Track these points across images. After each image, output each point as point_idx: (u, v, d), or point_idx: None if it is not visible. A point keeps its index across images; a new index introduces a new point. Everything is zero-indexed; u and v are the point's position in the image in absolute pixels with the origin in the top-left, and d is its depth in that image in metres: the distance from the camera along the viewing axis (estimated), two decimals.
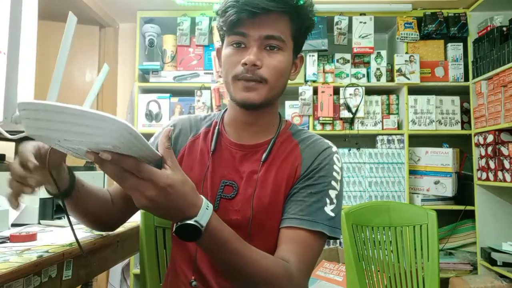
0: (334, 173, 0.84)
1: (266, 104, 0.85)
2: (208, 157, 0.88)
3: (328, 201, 0.82)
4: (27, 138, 0.68)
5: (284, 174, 0.85)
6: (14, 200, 0.70)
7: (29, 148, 0.72)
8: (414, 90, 2.53)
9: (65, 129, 0.54)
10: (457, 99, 2.52)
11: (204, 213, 0.63)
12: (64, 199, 0.80)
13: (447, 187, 2.40)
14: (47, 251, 0.81)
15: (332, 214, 0.81)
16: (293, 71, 0.89)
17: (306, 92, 2.48)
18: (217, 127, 0.92)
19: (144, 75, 2.67)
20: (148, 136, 0.73)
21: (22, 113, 0.55)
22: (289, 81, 0.91)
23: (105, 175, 1.47)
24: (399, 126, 2.54)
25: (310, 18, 0.85)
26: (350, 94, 2.51)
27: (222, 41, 0.87)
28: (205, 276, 0.85)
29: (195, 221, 0.62)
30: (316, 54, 2.52)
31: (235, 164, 0.87)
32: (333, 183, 0.83)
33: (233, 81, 0.82)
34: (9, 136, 0.89)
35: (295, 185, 0.84)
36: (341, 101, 2.51)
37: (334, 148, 0.88)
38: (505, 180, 2.10)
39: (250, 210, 0.82)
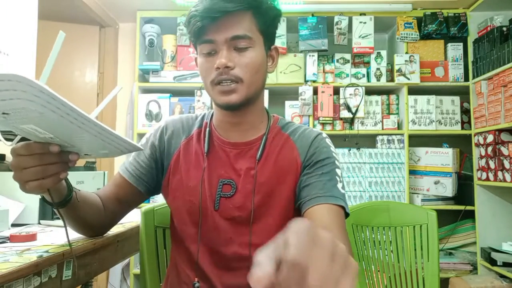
0: (334, 154, 0.88)
1: (249, 103, 0.86)
2: (203, 158, 0.89)
3: (338, 179, 0.85)
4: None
5: (284, 166, 0.87)
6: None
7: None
8: (414, 90, 2.53)
9: None
10: (457, 99, 2.52)
11: None
12: (62, 208, 0.80)
13: (447, 187, 2.40)
14: (47, 251, 0.81)
15: (343, 191, 0.85)
16: (270, 64, 0.90)
17: (306, 92, 2.48)
18: (207, 128, 0.92)
19: (144, 75, 2.67)
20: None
21: None
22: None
23: (105, 174, 1.47)
24: (399, 126, 2.54)
25: (274, 8, 0.86)
26: (350, 94, 2.51)
27: (196, 50, 0.88)
28: (208, 276, 0.86)
29: None
30: (316, 54, 2.52)
31: (231, 162, 0.88)
32: (336, 162, 0.87)
33: (211, 86, 0.83)
34: (7, 144, 0.88)
35: (302, 174, 0.86)
36: (341, 101, 2.51)
37: (324, 134, 0.92)
38: (505, 180, 2.10)
39: (251, 205, 0.84)
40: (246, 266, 0.85)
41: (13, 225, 1.10)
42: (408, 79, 2.48)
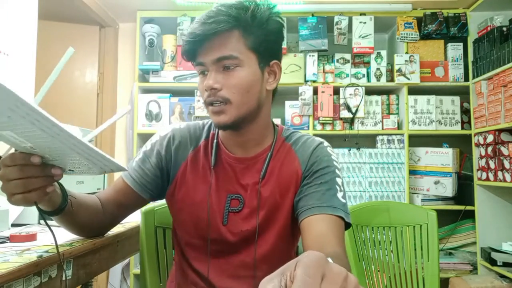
0: (334, 163, 0.87)
1: (246, 121, 0.85)
2: (210, 172, 0.89)
3: (338, 188, 0.84)
4: None
5: (286, 179, 0.87)
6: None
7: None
8: (414, 90, 2.53)
9: None
10: (457, 99, 2.52)
11: None
12: (57, 215, 0.79)
13: (447, 187, 2.40)
14: (47, 251, 0.81)
15: (343, 201, 0.83)
16: (272, 80, 0.87)
17: (306, 92, 2.48)
18: (215, 140, 0.92)
19: (144, 75, 2.67)
20: (148, 136, 0.73)
21: None
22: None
23: (105, 177, 1.47)
24: (399, 126, 2.54)
25: (268, 23, 0.83)
26: (350, 94, 2.51)
27: None
28: (215, 284, 0.88)
29: None
30: (316, 54, 2.52)
31: (237, 177, 0.89)
32: (336, 171, 0.86)
33: (206, 106, 0.84)
34: None
35: (302, 184, 0.86)
36: (341, 101, 2.51)
37: (326, 143, 0.91)
38: (505, 180, 2.10)
39: (256, 220, 0.86)
40: (251, 275, 0.87)
41: (13, 225, 1.10)
42: (408, 79, 2.48)
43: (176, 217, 0.94)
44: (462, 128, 2.52)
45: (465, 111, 2.58)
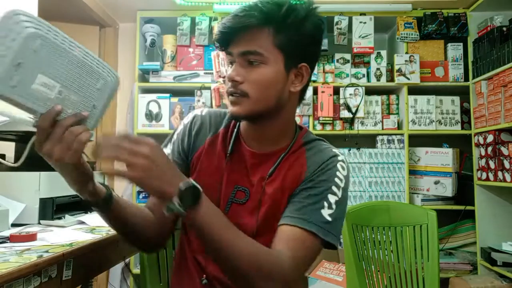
0: (336, 179, 0.84)
1: (262, 117, 0.85)
2: (225, 161, 0.90)
3: (326, 204, 0.81)
4: (27, 137, 0.68)
5: (289, 181, 0.86)
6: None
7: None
8: (414, 90, 2.53)
9: None
10: (457, 99, 2.52)
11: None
12: (104, 208, 0.79)
13: (447, 187, 2.40)
14: (47, 251, 0.81)
15: (329, 219, 0.80)
16: (298, 83, 0.86)
17: (306, 92, 2.48)
18: (235, 131, 0.92)
19: (144, 75, 2.67)
20: (148, 136, 0.73)
21: None
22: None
23: (105, 178, 1.47)
24: (399, 126, 2.54)
25: (304, 24, 0.82)
26: (350, 94, 2.51)
27: None
28: (211, 273, 0.87)
29: (192, 184, 0.67)
30: None
31: (248, 171, 0.89)
32: (333, 188, 0.83)
33: (226, 95, 0.85)
34: None
35: (297, 189, 0.85)
36: (341, 101, 2.51)
37: (341, 157, 0.88)
38: (505, 180, 2.10)
39: (256, 217, 0.85)
40: None
41: (13, 225, 1.10)
42: (408, 79, 2.48)
43: None
44: (462, 128, 2.52)
45: (465, 111, 2.58)
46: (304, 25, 0.82)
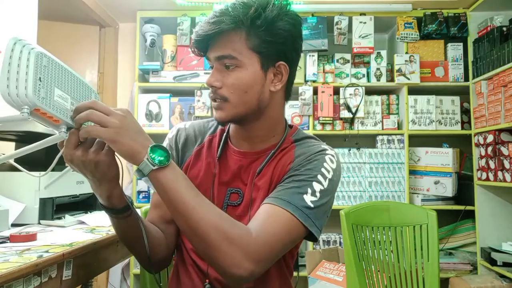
0: (323, 170, 0.82)
1: (246, 119, 0.85)
2: (214, 165, 0.90)
3: (310, 191, 0.79)
4: (27, 137, 0.69)
5: (276, 176, 0.86)
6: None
7: None
8: (414, 90, 2.53)
9: None
10: (457, 99, 2.52)
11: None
12: (122, 215, 0.80)
13: (447, 187, 2.40)
14: (47, 251, 0.81)
15: (311, 205, 0.78)
16: (277, 81, 0.85)
17: (306, 92, 2.48)
18: (224, 134, 0.93)
19: (144, 75, 2.67)
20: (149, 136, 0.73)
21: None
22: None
23: None
24: (399, 126, 2.54)
25: (276, 23, 0.80)
26: (350, 94, 2.51)
27: None
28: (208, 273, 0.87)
29: (162, 145, 0.72)
30: (316, 54, 2.52)
31: (239, 171, 0.89)
32: (319, 177, 0.81)
33: (211, 101, 0.87)
34: None
35: (283, 177, 0.84)
36: (341, 101, 2.51)
37: (330, 151, 0.86)
38: (505, 180, 2.10)
39: (248, 216, 0.85)
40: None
41: (13, 225, 1.10)
42: (408, 79, 2.48)
43: None
44: (462, 128, 2.52)
45: (465, 111, 2.58)
46: (276, 24, 0.81)
